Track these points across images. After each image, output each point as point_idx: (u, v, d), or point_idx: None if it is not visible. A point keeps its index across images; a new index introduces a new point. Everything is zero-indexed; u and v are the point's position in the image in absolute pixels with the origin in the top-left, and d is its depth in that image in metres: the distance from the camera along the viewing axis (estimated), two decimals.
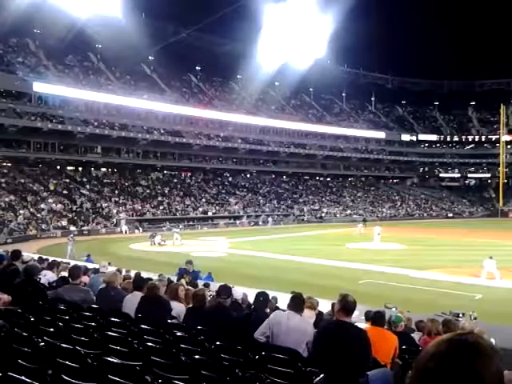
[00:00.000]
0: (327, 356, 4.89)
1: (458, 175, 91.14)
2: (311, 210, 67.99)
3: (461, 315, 12.88)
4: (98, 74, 65.50)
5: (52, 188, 50.81)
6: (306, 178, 79.09)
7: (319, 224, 59.74)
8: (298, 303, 5.55)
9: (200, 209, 58.25)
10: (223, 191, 65.79)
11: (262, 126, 73.97)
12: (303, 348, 5.24)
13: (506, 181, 79.96)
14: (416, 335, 7.97)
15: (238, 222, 57.91)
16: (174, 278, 13.07)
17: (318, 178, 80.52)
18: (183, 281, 12.29)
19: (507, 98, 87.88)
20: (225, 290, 6.51)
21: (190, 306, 7.29)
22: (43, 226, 43.05)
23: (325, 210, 68.47)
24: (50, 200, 47.93)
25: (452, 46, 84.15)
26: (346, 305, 4.98)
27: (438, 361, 1.12)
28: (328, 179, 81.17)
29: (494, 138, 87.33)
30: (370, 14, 75.20)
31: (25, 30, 59.39)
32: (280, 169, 75.48)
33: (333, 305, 8.87)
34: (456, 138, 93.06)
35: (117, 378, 3.52)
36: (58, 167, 55.63)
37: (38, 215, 44.60)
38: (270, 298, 8.15)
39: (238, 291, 10.10)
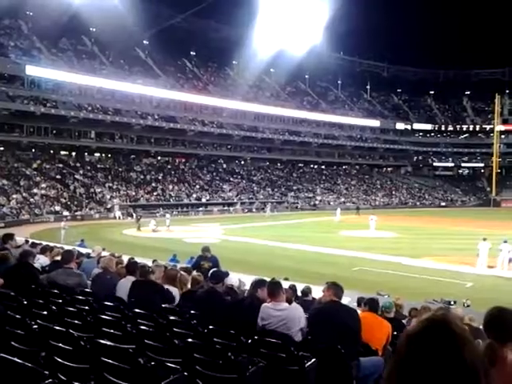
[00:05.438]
0: (322, 333, 5.05)
1: (452, 164, 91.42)
2: (305, 197, 68.12)
3: (452, 303, 13.04)
4: (92, 57, 64.71)
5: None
6: (301, 165, 79.02)
7: (313, 211, 59.87)
8: (274, 290, 5.50)
9: (194, 195, 58.21)
10: (217, 178, 65.69)
11: (257, 113, 73.64)
12: (295, 334, 5.29)
13: (499, 170, 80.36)
14: (408, 322, 8.05)
15: (231, 208, 57.93)
16: (170, 264, 13.04)
17: (312, 165, 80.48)
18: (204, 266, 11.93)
19: (502, 87, 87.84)
20: (215, 276, 6.53)
21: (185, 290, 7.33)
22: (36, 211, 42.87)
23: (319, 198, 68.60)
24: (43, 185, 47.68)
25: (448, 35, 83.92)
26: (335, 288, 5.49)
27: (414, 342, 1.13)
28: (322, 167, 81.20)
29: (488, 127, 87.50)
30: (367, 1, 74.82)
31: (17, 12, 58.45)
32: (274, 156, 75.35)
33: (323, 291, 8.96)
34: (450, 128, 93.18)
35: (110, 361, 3.54)
36: (52, 152, 55.24)
37: (31, 200, 44.38)
38: None
39: (234, 277, 10.13)
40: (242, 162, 73.37)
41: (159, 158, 64.90)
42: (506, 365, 2.57)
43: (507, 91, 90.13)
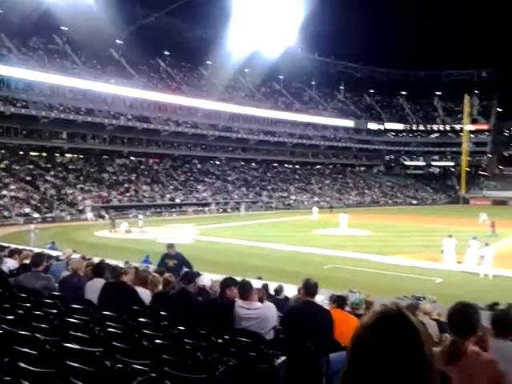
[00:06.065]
0: (295, 332, 5.13)
1: (423, 163, 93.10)
2: (279, 196, 68.40)
3: (422, 299, 13.32)
4: (64, 57, 63.55)
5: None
6: (275, 165, 79.31)
7: (287, 211, 60.15)
8: (245, 291, 5.57)
9: (168, 196, 57.76)
10: (191, 178, 65.35)
11: (232, 113, 73.60)
12: (267, 332, 5.34)
13: (468, 169, 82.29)
14: None
15: (206, 209, 57.74)
16: (142, 266, 12.93)
17: (286, 165, 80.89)
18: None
19: (472, 88, 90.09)
20: (186, 276, 6.53)
21: (156, 291, 7.28)
22: (5, 213, 41.89)
23: (293, 197, 68.98)
24: (12, 186, 46.61)
25: (420, 36, 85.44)
26: (308, 287, 5.48)
27: (374, 332, 1.16)
28: (296, 166, 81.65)
29: (458, 127, 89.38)
30: (342, 2, 75.61)
31: None
32: (249, 156, 75.41)
33: (299, 289, 9.05)
34: (421, 127, 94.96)
35: (75, 364, 3.50)
36: (22, 153, 53.99)
37: (0, 202, 43.35)
38: None
39: (206, 278, 10.11)
40: (217, 162, 73.19)
41: (132, 158, 64.12)
42: (468, 357, 2.66)
43: (476, 92, 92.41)
